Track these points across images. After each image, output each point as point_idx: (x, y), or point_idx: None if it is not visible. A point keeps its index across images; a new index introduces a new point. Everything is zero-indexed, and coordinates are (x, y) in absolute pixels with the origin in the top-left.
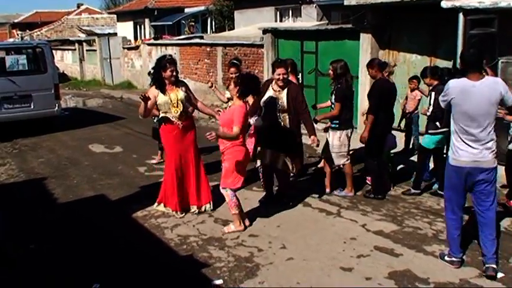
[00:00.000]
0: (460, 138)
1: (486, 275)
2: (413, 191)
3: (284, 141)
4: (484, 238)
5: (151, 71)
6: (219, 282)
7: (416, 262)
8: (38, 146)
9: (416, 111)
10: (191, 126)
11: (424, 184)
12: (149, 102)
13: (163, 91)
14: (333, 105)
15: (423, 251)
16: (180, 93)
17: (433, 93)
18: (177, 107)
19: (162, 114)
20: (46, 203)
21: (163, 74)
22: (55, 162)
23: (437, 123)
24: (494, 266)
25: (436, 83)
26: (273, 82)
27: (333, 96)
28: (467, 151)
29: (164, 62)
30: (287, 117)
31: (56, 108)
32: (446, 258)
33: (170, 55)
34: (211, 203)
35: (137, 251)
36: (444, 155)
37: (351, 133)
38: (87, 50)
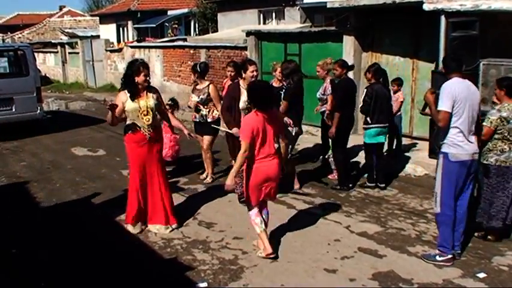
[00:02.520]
0: (463, 133)
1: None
2: (368, 184)
3: None
4: (457, 232)
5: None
6: (203, 285)
7: (400, 263)
8: (20, 149)
9: (399, 113)
10: (159, 138)
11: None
12: (117, 110)
13: (133, 97)
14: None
15: (407, 252)
16: (151, 101)
17: (365, 90)
18: (147, 115)
19: (128, 122)
20: (29, 207)
21: (136, 78)
22: (37, 165)
23: (368, 119)
24: (459, 251)
25: (374, 81)
26: (242, 82)
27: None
28: (469, 145)
29: (137, 66)
30: None
31: (38, 111)
32: (438, 258)
33: (142, 59)
34: (175, 224)
35: (121, 255)
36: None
37: (297, 132)
38: (69, 53)
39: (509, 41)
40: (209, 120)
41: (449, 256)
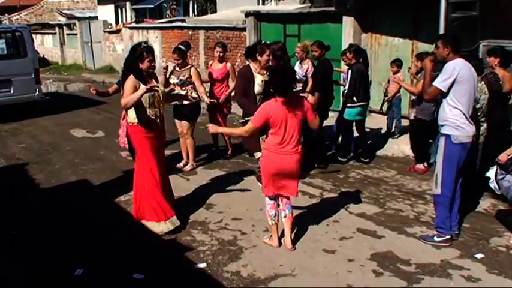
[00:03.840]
0: (465, 116)
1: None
2: (341, 159)
3: None
4: (453, 212)
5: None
6: (202, 265)
7: (398, 244)
8: (18, 131)
9: (398, 94)
10: (163, 129)
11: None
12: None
13: (145, 83)
14: None
15: (405, 233)
16: (161, 87)
17: (349, 72)
18: (161, 102)
19: (139, 110)
20: (28, 188)
21: (140, 65)
22: (36, 147)
23: (354, 98)
24: (457, 232)
25: (354, 61)
26: (254, 66)
27: None
28: (470, 126)
29: (141, 51)
30: None
31: (37, 93)
32: (436, 238)
33: (146, 42)
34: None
35: (120, 236)
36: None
37: None
38: (67, 34)
39: (509, 22)
40: (186, 102)
41: (447, 237)
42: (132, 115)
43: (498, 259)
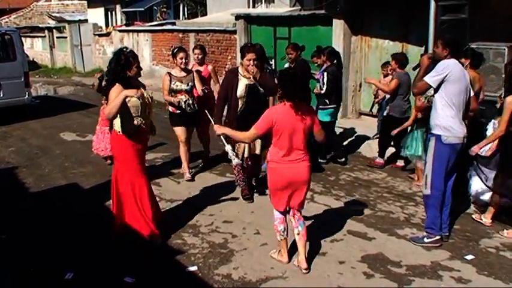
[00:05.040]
0: (456, 117)
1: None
2: (320, 160)
3: None
4: (443, 214)
5: (107, 71)
6: (193, 268)
7: (389, 245)
8: (8, 134)
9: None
10: (147, 135)
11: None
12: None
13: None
14: None
15: (395, 235)
16: (147, 93)
17: (325, 74)
18: (150, 108)
19: (125, 118)
20: (18, 192)
21: (127, 72)
22: (26, 151)
23: (327, 100)
24: (448, 233)
25: (329, 64)
26: (241, 69)
27: None
28: (461, 128)
29: (127, 58)
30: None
31: (26, 96)
32: (426, 239)
33: (126, 47)
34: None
35: (111, 239)
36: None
37: None
38: (57, 37)
39: (498, 24)
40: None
41: (437, 237)
42: (117, 123)
43: (488, 260)
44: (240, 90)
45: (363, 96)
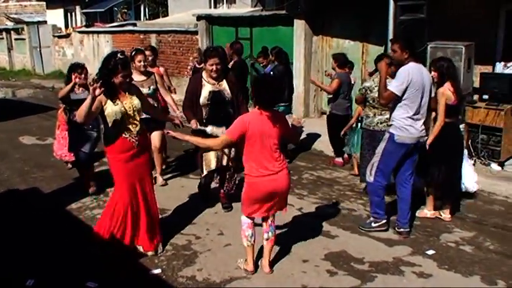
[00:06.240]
0: (412, 118)
1: (399, 231)
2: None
3: None
4: (403, 211)
5: (96, 77)
6: (157, 271)
7: (352, 243)
8: None
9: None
10: (146, 144)
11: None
12: (94, 104)
13: (113, 99)
14: None
15: (358, 232)
16: (135, 101)
17: (271, 73)
18: (134, 118)
19: (109, 128)
20: None
21: (114, 79)
22: None
23: None
24: (409, 229)
25: (277, 63)
26: (205, 74)
27: None
28: (416, 128)
29: (114, 64)
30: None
31: None
32: (374, 224)
33: (123, 52)
34: (161, 244)
35: (73, 244)
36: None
37: None
38: (15, 39)
39: (455, 23)
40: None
41: (384, 221)
42: (104, 133)
43: (448, 255)
44: (203, 97)
45: (325, 96)
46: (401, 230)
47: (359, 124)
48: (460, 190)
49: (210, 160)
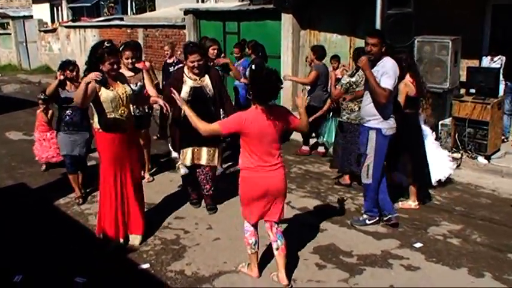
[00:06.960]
0: (391, 108)
1: (392, 223)
2: None
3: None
4: (385, 199)
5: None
6: (145, 266)
7: (340, 236)
8: None
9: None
10: (134, 136)
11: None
12: (89, 88)
13: (106, 86)
14: None
15: (346, 226)
16: (127, 88)
17: (253, 66)
18: (126, 105)
19: (101, 114)
20: None
21: (101, 66)
22: None
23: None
24: (396, 214)
25: (254, 56)
26: (187, 70)
27: None
28: (393, 119)
29: (101, 52)
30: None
31: None
32: (368, 221)
33: (110, 41)
34: (141, 236)
35: (61, 239)
36: None
37: None
38: (1, 34)
39: (442, 18)
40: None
41: (377, 218)
42: (95, 119)
43: (436, 247)
44: (185, 92)
45: None
46: (391, 216)
47: (331, 113)
48: (429, 179)
49: (186, 156)
